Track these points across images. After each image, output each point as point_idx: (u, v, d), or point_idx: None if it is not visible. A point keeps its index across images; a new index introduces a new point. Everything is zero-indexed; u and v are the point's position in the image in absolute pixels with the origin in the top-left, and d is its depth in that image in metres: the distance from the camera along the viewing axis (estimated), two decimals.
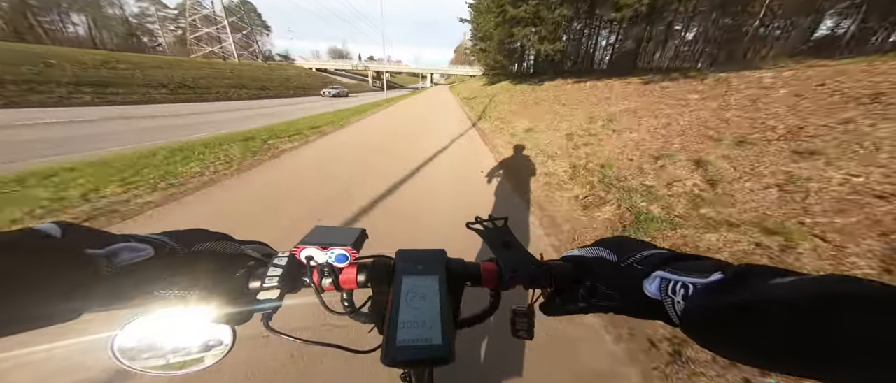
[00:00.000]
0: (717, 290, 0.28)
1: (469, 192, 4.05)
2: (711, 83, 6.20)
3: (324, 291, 0.41)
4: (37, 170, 3.78)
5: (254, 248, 0.44)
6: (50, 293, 0.25)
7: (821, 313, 0.21)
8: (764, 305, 0.24)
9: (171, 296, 0.34)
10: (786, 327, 0.23)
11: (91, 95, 15.12)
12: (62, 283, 0.25)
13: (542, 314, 0.46)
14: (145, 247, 0.32)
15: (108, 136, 7.15)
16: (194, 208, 3.29)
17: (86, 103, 14.23)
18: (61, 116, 9.93)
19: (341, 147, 6.65)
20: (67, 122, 8.83)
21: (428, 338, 0.31)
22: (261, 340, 1.52)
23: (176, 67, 23.39)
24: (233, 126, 9.22)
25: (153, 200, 3.34)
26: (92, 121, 9.31)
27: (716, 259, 0.33)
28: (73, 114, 10.77)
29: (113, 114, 11.44)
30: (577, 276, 0.42)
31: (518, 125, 8.82)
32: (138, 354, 0.34)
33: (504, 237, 0.48)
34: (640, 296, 0.35)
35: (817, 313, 0.22)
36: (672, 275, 0.32)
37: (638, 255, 0.39)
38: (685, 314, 0.30)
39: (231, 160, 4.93)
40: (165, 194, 3.52)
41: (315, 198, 3.64)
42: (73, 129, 7.81)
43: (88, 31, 63.11)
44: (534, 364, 1.55)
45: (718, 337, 0.27)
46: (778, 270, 0.28)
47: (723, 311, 0.27)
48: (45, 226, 0.28)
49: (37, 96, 12.94)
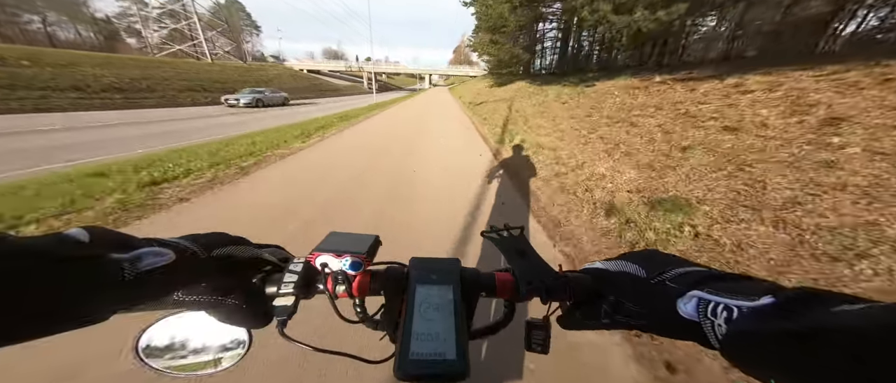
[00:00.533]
0: (768, 315, 0.26)
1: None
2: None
3: (337, 298, 0.41)
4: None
5: (270, 252, 0.44)
6: (80, 297, 0.25)
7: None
8: (827, 334, 0.22)
9: (191, 300, 0.35)
10: (853, 359, 0.20)
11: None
12: (91, 287, 0.26)
13: (560, 327, 0.45)
14: (167, 252, 0.32)
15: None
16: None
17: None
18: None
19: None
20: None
21: (442, 353, 0.30)
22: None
23: (108, 66, 18.97)
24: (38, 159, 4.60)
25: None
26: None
27: (763, 280, 0.32)
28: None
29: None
30: (599, 290, 0.40)
31: (600, 168, 4.30)
32: (160, 354, 0.36)
33: (520, 246, 0.47)
34: (674, 316, 0.33)
35: (892, 345, 0.19)
36: (712, 296, 0.30)
37: (671, 272, 0.36)
38: (727, 338, 0.28)
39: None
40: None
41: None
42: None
43: (43, 28, 58.45)
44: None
45: (768, 365, 0.25)
46: (844, 296, 0.26)
47: (776, 338, 0.24)
48: (74, 231, 0.28)
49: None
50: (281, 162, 5.41)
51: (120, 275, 0.27)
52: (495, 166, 5.41)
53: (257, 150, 5.84)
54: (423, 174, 4.83)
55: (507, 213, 3.46)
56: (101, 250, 0.27)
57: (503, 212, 3.48)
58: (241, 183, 4.21)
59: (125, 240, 0.31)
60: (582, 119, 6.95)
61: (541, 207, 3.65)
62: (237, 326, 0.38)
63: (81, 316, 0.26)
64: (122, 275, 0.28)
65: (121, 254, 0.29)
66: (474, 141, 7.97)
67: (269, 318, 0.39)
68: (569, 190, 4.02)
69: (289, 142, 6.94)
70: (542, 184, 4.38)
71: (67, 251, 0.25)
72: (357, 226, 2.99)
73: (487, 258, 2.46)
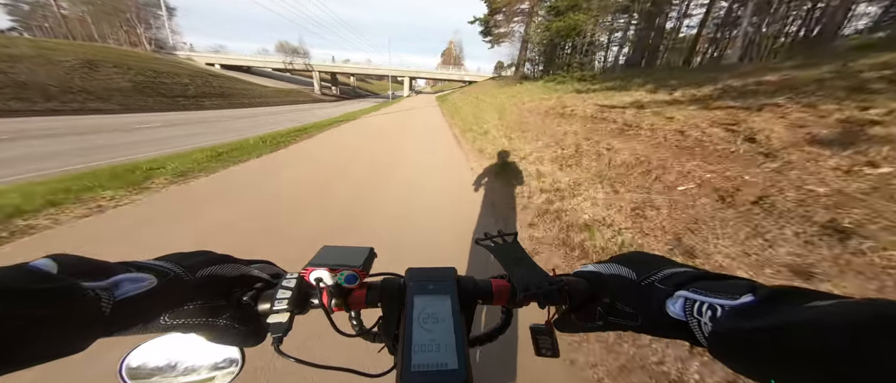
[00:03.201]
0: (748, 313, 0.27)
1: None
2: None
3: (333, 312, 0.40)
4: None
5: (259, 268, 0.43)
6: (49, 333, 0.23)
7: (867, 338, 0.20)
8: (800, 329, 0.23)
9: (179, 323, 0.33)
10: (825, 352, 0.21)
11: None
12: (63, 322, 0.24)
13: (556, 330, 0.45)
14: (147, 277, 0.30)
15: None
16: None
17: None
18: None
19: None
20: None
21: (444, 363, 0.30)
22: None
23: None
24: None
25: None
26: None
27: (745, 279, 0.32)
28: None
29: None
30: (593, 293, 0.41)
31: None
32: (148, 376, 0.34)
33: (515, 253, 0.47)
34: (663, 317, 0.34)
35: (863, 338, 0.20)
36: (698, 296, 0.32)
37: (659, 274, 0.37)
38: (713, 336, 0.29)
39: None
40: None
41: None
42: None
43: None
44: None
45: (750, 361, 0.26)
46: (817, 293, 0.27)
47: (755, 334, 0.26)
48: (40, 262, 0.26)
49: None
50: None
51: (96, 305, 0.26)
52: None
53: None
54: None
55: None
56: (72, 280, 0.26)
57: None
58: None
59: (99, 267, 0.29)
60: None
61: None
62: (230, 345, 0.37)
63: (54, 351, 0.24)
64: (98, 305, 0.26)
65: (95, 282, 0.27)
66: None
67: (262, 336, 0.38)
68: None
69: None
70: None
71: (33, 285, 0.24)
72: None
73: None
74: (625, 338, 1.76)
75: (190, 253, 0.38)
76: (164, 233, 2.92)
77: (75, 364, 1.15)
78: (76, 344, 0.26)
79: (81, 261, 0.29)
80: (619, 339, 1.77)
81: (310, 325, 0.48)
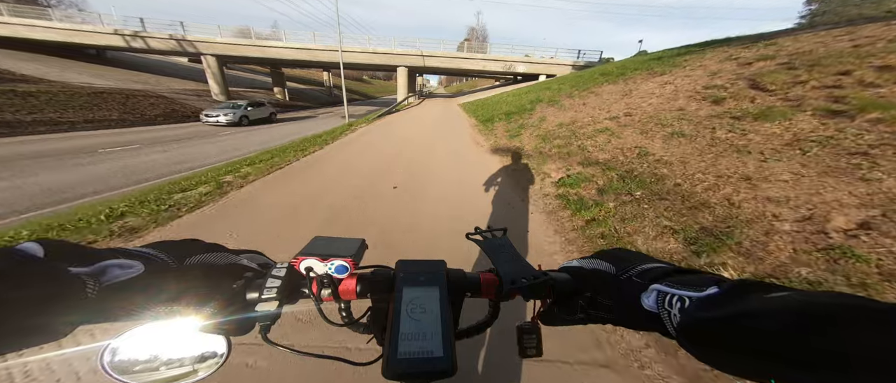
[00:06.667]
0: (711, 304, 0.29)
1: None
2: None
3: (323, 302, 0.40)
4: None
5: (249, 257, 0.43)
6: (33, 317, 0.23)
7: (816, 326, 0.21)
8: (757, 319, 0.24)
9: (163, 312, 0.33)
10: (777, 340, 0.22)
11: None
12: (46, 306, 0.24)
13: (541, 323, 0.46)
14: (134, 264, 0.31)
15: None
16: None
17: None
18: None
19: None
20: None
21: (430, 351, 0.31)
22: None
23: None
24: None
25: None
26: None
27: (714, 273, 0.34)
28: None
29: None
30: (577, 287, 0.42)
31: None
32: (130, 367, 0.33)
33: (503, 247, 0.48)
34: (638, 309, 0.35)
35: (812, 327, 0.22)
36: (669, 289, 0.33)
37: (636, 269, 0.39)
38: (681, 327, 0.30)
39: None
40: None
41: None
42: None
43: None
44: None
45: (713, 349, 0.27)
46: (775, 286, 0.28)
47: (717, 324, 0.27)
48: (26, 245, 0.26)
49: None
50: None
51: (82, 290, 0.26)
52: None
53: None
54: None
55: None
56: (59, 265, 0.26)
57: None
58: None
59: (86, 253, 0.29)
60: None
61: None
62: (216, 334, 0.36)
63: (34, 337, 0.24)
64: (84, 290, 0.26)
65: (81, 267, 0.27)
66: None
67: (250, 325, 0.38)
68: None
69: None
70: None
71: (18, 268, 0.24)
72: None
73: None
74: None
75: (179, 241, 0.38)
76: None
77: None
78: (58, 330, 0.25)
79: (69, 245, 0.29)
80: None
81: (299, 315, 0.45)
